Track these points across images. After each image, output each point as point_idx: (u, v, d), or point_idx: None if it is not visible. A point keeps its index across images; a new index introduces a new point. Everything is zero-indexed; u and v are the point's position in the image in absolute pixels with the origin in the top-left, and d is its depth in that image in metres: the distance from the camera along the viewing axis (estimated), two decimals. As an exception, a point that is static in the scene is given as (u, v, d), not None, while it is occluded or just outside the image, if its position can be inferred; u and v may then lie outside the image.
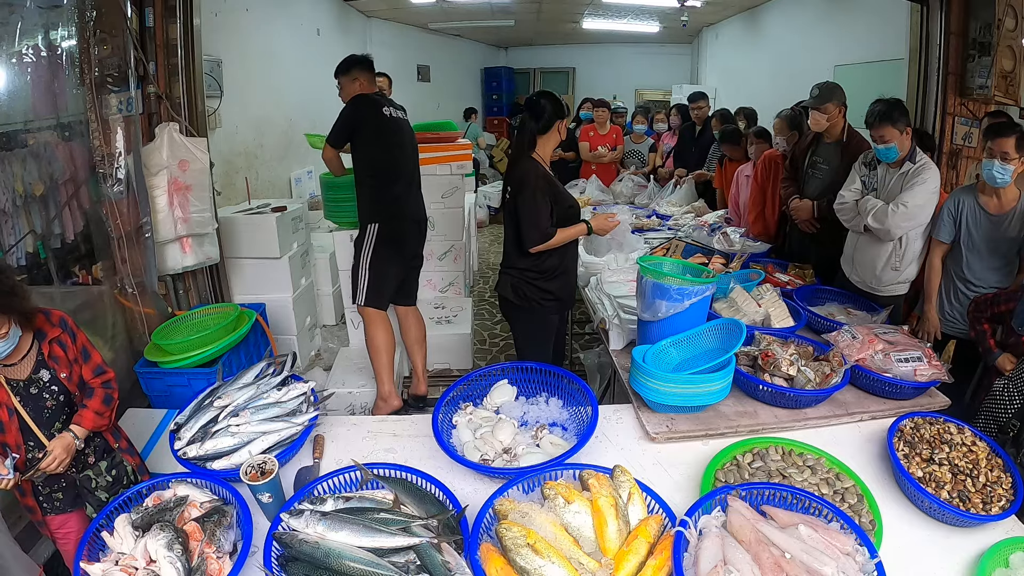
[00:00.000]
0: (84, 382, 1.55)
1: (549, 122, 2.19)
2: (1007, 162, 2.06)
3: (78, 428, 1.49)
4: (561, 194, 2.26)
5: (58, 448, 1.44)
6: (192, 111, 2.90)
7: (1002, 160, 2.07)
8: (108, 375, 1.58)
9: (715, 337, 1.82)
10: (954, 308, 2.34)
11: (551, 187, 2.20)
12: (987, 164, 2.12)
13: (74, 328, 1.56)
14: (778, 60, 6.13)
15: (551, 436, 1.62)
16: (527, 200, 2.14)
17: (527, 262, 2.25)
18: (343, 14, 6.46)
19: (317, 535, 1.20)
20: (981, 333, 2.02)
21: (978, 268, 2.27)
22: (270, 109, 4.89)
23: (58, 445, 1.44)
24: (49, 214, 2.24)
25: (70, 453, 1.46)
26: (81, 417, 1.50)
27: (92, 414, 1.51)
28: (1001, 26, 2.91)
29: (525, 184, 2.16)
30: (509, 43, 10.41)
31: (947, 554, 1.30)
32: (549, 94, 2.23)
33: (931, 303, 2.37)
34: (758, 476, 1.45)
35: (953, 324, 2.36)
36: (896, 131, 2.30)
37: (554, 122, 2.19)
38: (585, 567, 1.14)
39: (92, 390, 1.54)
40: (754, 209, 3.45)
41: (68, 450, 1.46)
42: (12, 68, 2.11)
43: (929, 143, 3.08)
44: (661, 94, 9.36)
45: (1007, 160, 2.06)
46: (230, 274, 3.37)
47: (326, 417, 1.76)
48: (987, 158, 2.12)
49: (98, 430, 1.54)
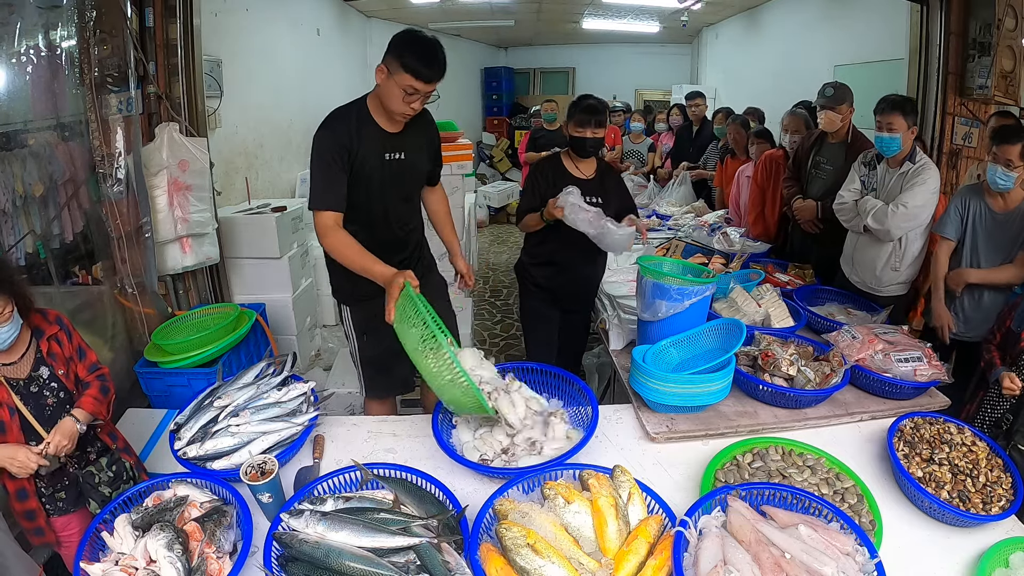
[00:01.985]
0: (80, 380, 1.57)
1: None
2: (1011, 169, 2.06)
3: (78, 411, 1.50)
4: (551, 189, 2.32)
5: (60, 432, 1.44)
6: (192, 111, 2.90)
7: (1006, 167, 2.07)
8: (103, 370, 1.61)
9: (715, 337, 1.82)
10: (955, 309, 2.34)
11: (546, 180, 2.35)
12: (991, 169, 2.12)
13: (70, 327, 1.58)
14: (778, 60, 6.13)
15: (561, 424, 1.61)
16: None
17: (528, 240, 2.48)
18: (343, 14, 6.46)
19: (317, 535, 1.20)
20: (989, 361, 1.92)
21: (980, 268, 2.26)
22: (270, 109, 4.89)
23: (58, 430, 1.45)
24: (49, 214, 2.24)
25: (73, 438, 1.47)
26: (80, 403, 1.52)
27: (91, 399, 1.53)
28: (1001, 26, 2.91)
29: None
30: (509, 43, 10.40)
31: (947, 554, 1.30)
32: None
33: (939, 298, 2.32)
34: (758, 476, 1.45)
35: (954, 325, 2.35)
36: (904, 123, 2.30)
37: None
38: (585, 567, 1.14)
39: (88, 383, 1.57)
40: (754, 209, 3.45)
41: (71, 434, 1.46)
42: (12, 68, 2.11)
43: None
44: (661, 94, 9.35)
45: (1011, 167, 2.06)
46: (230, 274, 3.37)
47: (326, 417, 1.76)
48: (991, 163, 2.12)
49: (97, 418, 1.55)
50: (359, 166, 1.82)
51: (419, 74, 1.66)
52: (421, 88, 1.69)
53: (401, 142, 1.89)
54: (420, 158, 1.98)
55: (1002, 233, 2.19)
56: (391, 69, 1.69)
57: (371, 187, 1.87)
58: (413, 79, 1.67)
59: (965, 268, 2.27)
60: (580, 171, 2.37)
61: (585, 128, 2.27)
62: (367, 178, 1.85)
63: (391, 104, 1.75)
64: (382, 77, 1.73)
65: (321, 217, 1.78)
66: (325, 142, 1.80)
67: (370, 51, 7.25)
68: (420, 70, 1.66)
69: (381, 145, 1.86)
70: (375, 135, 1.84)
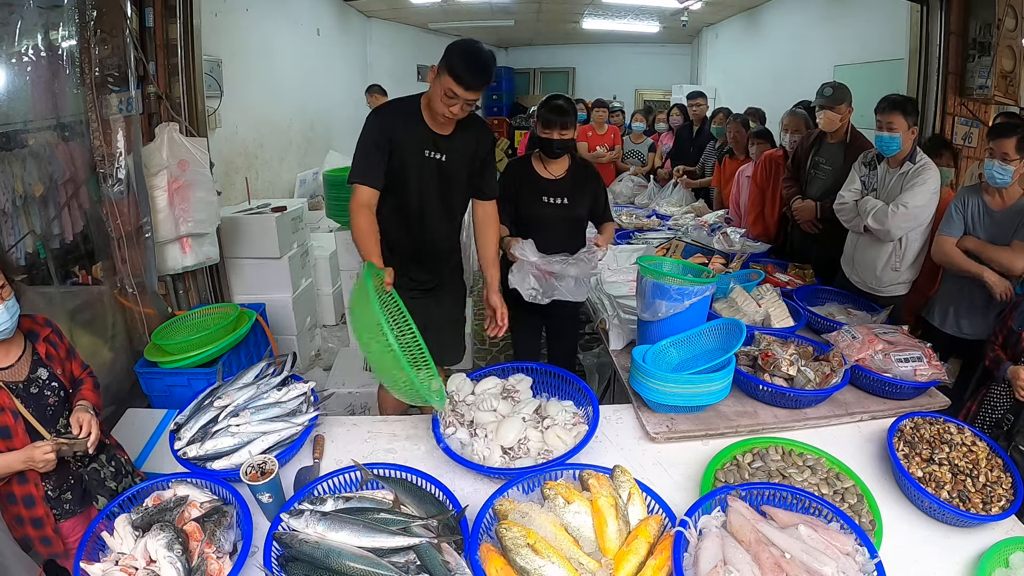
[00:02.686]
0: (75, 378, 1.59)
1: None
2: (1007, 163, 2.06)
3: (84, 401, 1.53)
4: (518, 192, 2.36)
5: (82, 414, 1.47)
6: (192, 111, 2.90)
7: (1002, 161, 2.07)
8: (89, 368, 1.66)
9: (715, 337, 1.82)
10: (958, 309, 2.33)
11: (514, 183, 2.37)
12: (988, 164, 2.12)
13: (58, 328, 1.61)
14: (778, 60, 6.13)
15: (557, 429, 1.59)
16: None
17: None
18: (343, 14, 6.47)
19: (317, 535, 1.20)
20: (995, 358, 1.90)
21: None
22: (270, 109, 4.89)
23: (80, 411, 1.48)
24: (49, 214, 2.24)
25: (93, 415, 1.49)
26: (83, 394, 1.55)
27: (91, 392, 1.57)
28: (1001, 26, 2.91)
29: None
30: (509, 43, 10.40)
31: (947, 554, 1.30)
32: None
33: (983, 270, 2.17)
34: (758, 476, 1.45)
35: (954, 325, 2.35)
36: (904, 123, 2.30)
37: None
38: (585, 567, 1.14)
39: (82, 381, 1.60)
40: (754, 209, 3.45)
41: (90, 412, 1.49)
42: (12, 68, 2.11)
43: (937, 143, 3.07)
44: (661, 94, 9.35)
45: (1007, 161, 2.06)
46: (230, 274, 3.37)
47: (326, 417, 1.75)
48: (988, 158, 2.13)
49: (97, 408, 1.57)
50: (398, 155, 1.88)
51: (460, 79, 1.70)
52: (461, 93, 1.72)
53: (445, 144, 1.92)
54: (461, 165, 1.98)
55: (1001, 232, 2.18)
56: (439, 70, 1.75)
57: (408, 180, 1.93)
58: (454, 83, 1.70)
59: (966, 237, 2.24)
60: (549, 171, 2.35)
61: (551, 129, 2.24)
62: (404, 169, 1.91)
63: (434, 103, 1.80)
64: (432, 77, 1.79)
65: (357, 191, 1.87)
66: (371, 124, 1.89)
67: (370, 51, 7.26)
68: (461, 75, 1.70)
69: (423, 141, 1.90)
70: (419, 130, 1.89)
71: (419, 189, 1.95)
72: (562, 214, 2.35)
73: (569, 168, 2.38)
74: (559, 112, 2.23)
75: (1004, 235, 2.18)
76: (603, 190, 2.49)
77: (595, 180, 2.46)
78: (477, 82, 1.73)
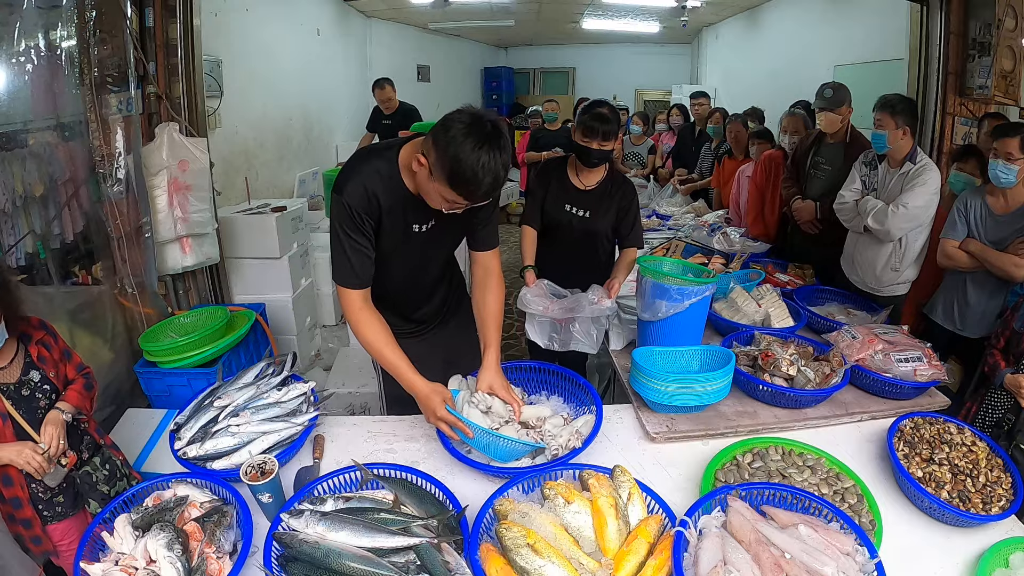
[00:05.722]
0: (69, 380, 1.59)
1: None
2: (1011, 162, 2.06)
3: (63, 404, 1.52)
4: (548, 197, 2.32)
5: (50, 423, 1.46)
6: (192, 111, 2.90)
7: (1006, 160, 2.07)
8: (88, 369, 1.65)
9: (703, 358, 1.80)
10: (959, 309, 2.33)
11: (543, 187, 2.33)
12: (992, 164, 2.12)
13: (53, 330, 1.61)
14: (778, 60, 6.14)
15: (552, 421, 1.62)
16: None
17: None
18: (343, 14, 6.46)
19: (317, 535, 1.20)
20: (993, 365, 1.90)
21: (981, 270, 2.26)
22: (270, 109, 4.89)
23: (47, 423, 1.47)
24: (49, 214, 2.24)
25: (62, 427, 1.48)
26: (65, 397, 1.54)
27: (75, 393, 1.56)
28: (1001, 26, 2.91)
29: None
30: (509, 43, 10.41)
31: (947, 554, 1.30)
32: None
33: (995, 258, 2.15)
34: (758, 476, 1.45)
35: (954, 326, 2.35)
36: (892, 121, 2.32)
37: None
38: (585, 567, 1.14)
39: (73, 380, 1.60)
40: (753, 210, 3.45)
41: (59, 423, 1.48)
42: (12, 68, 2.11)
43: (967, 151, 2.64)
44: (661, 94, 9.37)
45: (1011, 160, 2.06)
46: (230, 274, 3.37)
47: (326, 417, 1.75)
48: (992, 159, 2.12)
49: (81, 411, 1.57)
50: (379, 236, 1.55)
51: (470, 195, 1.32)
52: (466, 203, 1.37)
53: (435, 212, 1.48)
54: (456, 225, 1.61)
55: (1003, 234, 2.18)
56: (433, 172, 1.31)
57: (392, 259, 1.60)
58: (458, 196, 1.33)
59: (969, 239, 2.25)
60: (580, 180, 2.29)
61: (591, 139, 2.12)
62: (387, 252, 1.58)
63: (427, 198, 1.42)
64: (421, 170, 1.35)
65: (347, 296, 1.55)
66: (342, 212, 1.47)
67: (370, 51, 7.26)
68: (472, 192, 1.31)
69: (407, 215, 1.53)
70: (401, 204, 1.50)
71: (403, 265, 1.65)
72: (580, 226, 2.30)
73: (603, 180, 2.26)
74: (602, 120, 2.09)
75: (1007, 238, 2.17)
76: (635, 210, 2.31)
77: (628, 199, 2.30)
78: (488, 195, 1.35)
